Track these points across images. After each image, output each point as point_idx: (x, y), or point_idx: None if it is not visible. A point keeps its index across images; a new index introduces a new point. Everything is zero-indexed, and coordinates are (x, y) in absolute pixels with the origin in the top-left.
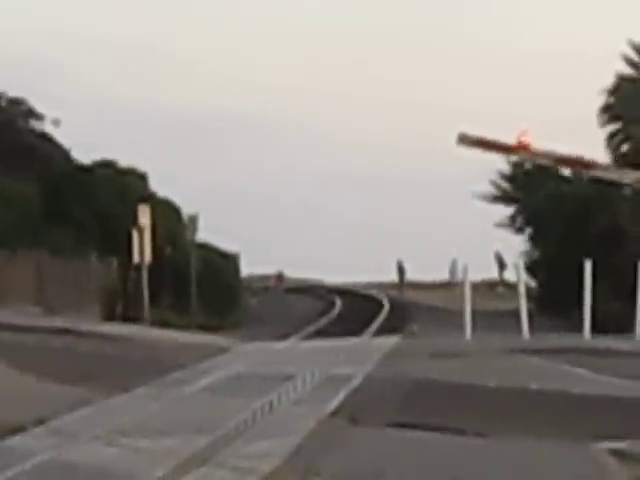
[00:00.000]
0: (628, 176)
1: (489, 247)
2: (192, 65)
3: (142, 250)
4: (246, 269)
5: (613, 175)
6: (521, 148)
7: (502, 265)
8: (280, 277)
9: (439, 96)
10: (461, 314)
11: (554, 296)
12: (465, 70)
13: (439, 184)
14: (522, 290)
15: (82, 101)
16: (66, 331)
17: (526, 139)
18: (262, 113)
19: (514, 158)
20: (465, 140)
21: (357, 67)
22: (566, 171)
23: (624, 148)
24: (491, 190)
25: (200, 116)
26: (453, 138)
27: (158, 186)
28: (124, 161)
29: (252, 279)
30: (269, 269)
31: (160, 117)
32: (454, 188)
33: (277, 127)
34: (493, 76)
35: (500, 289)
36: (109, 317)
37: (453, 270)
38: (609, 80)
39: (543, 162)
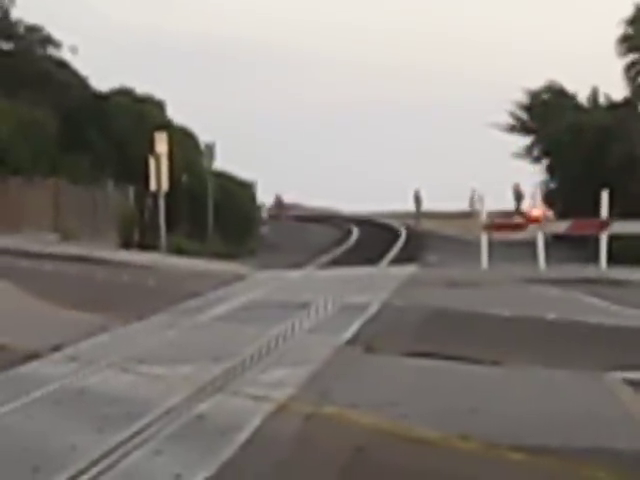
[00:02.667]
0: None
1: (506, 177)
2: None
3: (159, 178)
4: (264, 197)
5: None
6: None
7: (519, 196)
8: (280, 204)
9: (456, 25)
10: (478, 244)
11: None
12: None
13: (457, 112)
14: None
15: (100, 29)
16: (83, 258)
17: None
18: (279, 43)
19: (532, 89)
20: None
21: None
22: (583, 101)
23: None
24: (508, 120)
25: (218, 45)
26: (470, 66)
27: (175, 114)
28: (141, 89)
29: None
30: (288, 197)
31: (178, 45)
32: (471, 117)
33: (294, 57)
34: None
35: (517, 219)
36: (126, 245)
37: (473, 199)
38: (628, 10)
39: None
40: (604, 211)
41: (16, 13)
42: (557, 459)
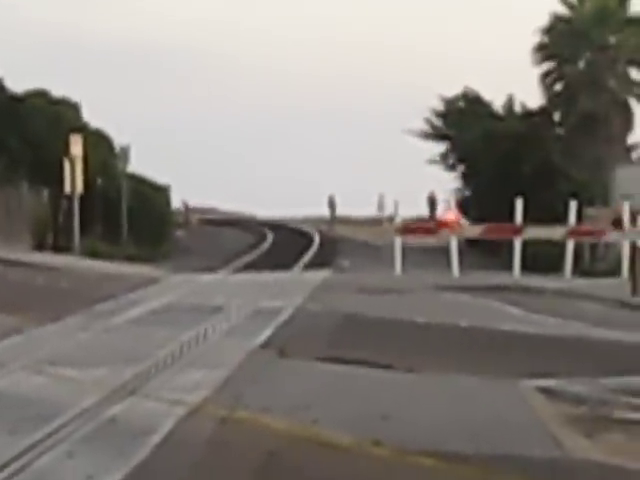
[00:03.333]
0: None
1: (421, 185)
2: None
3: (74, 180)
4: (177, 202)
5: None
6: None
7: (433, 203)
8: (186, 209)
9: (374, 31)
10: (391, 250)
11: None
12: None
13: (373, 118)
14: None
15: (16, 29)
16: None
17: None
18: (199, 47)
19: (448, 96)
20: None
21: (292, 4)
22: (499, 109)
23: (557, 87)
24: (424, 127)
25: (137, 47)
26: (387, 73)
27: (91, 117)
28: (57, 91)
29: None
30: (201, 201)
31: (95, 48)
32: (388, 124)
33: (209, 61)
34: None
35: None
36: (39, 247)
37: (381, 205)
38: (543, 19)
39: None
40: (518, 216)
41: None
42: (470, 466)
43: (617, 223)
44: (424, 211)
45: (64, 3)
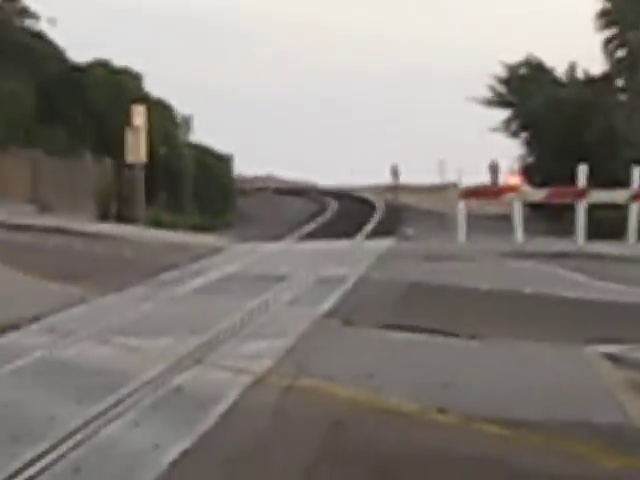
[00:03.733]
0: None
1: (483, 152)
2: None
3: (137, 150)
4: (240, 170)
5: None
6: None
7: (495, 171)
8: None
9: None
10: (455, 218)
11: None
12: None
13: (436, 85)
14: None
15: (77, 1)
16: (60, 230)
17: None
18: (262, 14)
19: (511, 63)
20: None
21: None
22: (561, 76)
23: (620, 53)
24: (487, 94)
25: (198, 16)
26: (450, 39)
27: (153, 86)
28: (119, 61)
29: (245, 180)
30: (263, 171)
31: (156, 17)
32: (451, 91)
33: (276, 27)
34: None
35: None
36: (103, 217)
37: (442, 172)
38: None
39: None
40: (582, 180)
41: None
42: (534, 432)
43: None
44: (486, 179)
45: None
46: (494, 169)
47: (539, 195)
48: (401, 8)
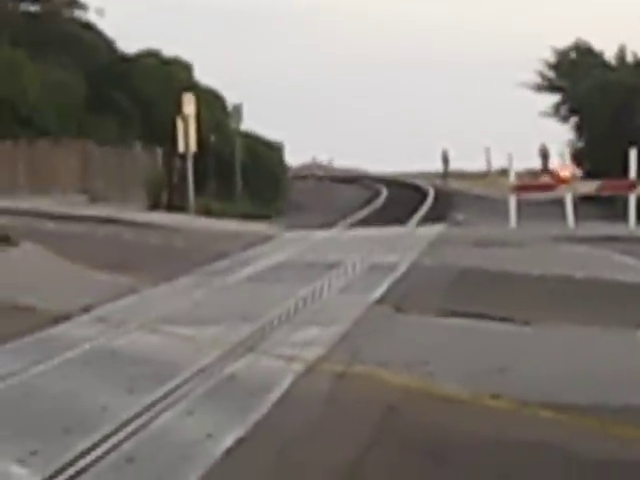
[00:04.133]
0: None
1: (533, 136)
2: None
3: (187, 139)
4: (291, 159)
5: None
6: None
7: (545, 156)
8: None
9: None
10: (505, 203)
11: None
12: None
13: (484, 71)
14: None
15: None
16: (111, 220)
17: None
18: (309, 3)
19: (560, 47)
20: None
21: None
22: (611, 59)
23: None
24: (536, 79)
25: (246, 5)
26: (499, 24)
27: (202, 75)
28: (168, 51)
29: (302, 168)
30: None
31: (205, 6)
32: (500, 76)
33: (324, 16)
34: None
35: (545, 178)
36: (154, 206)
37: (488, 158)
38: None
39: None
40: (632, 171)
41: None
42: (588, 417)
43: None
44: (536, 163)
45: None
46: (544, 154)
47: (590, 187)
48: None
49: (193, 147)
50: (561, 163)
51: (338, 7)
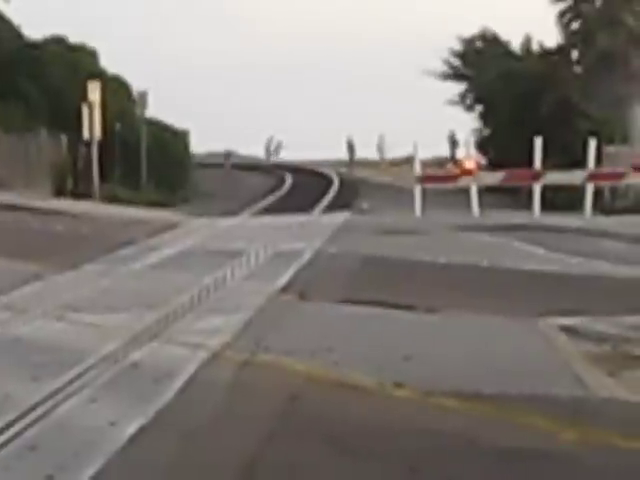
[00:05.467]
0: None
1: (441, 125)
2: None
3: (92, 126)
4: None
5: None
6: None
7: (454, 143)
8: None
9: None
10: (410, 192)
11: None
12: None
13: (391, 59)
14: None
15: None
16: (16, 207)
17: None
18: None
19: (466, 36)
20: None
21: None
22: (516, 48)
23: (575, 25)
24: (442, 67)
25: None
26: (403, 12)
27: (108, 63)
28: (74, 38)
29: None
30: (219, 146)
31: None
32: (405, 64)
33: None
34: None
35: (449, 166)
36: (59, 193)
37: (381, 146)
38: None
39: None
40: (537, 161)
41: None
42: (492, 406)
43: (638, 168)
44: (443, 152)
45: None
46: (453, 141)
47: (495, 178)
48: None
49: (98, 134)
50: (466, 153)
51: None
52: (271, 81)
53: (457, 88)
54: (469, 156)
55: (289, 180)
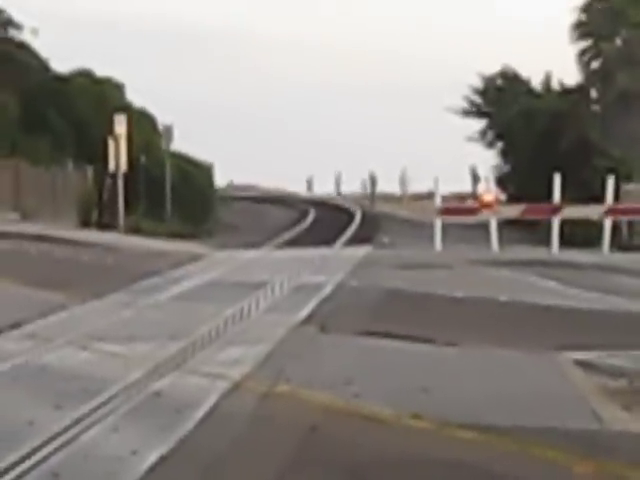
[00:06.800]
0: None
1: (460, 161)
2: None
3: (118, 159)
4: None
5: None
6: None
7: (476, 178)
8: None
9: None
10: (431, 226)
11: None
12: None
13: (412, 96)
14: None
15: (60, 12)
16: (42, 237)
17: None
18: (236, 28)
19: (487, 74)
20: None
21: None
22: (537, 86)
23: (594, 64)
24: (463, 104)
25: (176, 28)
26: (425, 50)
27: (134, 96)
28: (101, 71)
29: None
30: (244, 179)
31: (137, 29)
32: (427, 101)
33: (245, 41)
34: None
35: (470, 202)
36: (85, 224)
37: (403, 179)
38: None
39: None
40: (556, 196)
41: None
42: (509, 438)
43: None
44: (465, 187)
45: None
46: (474, 175)
47: (514, 212)
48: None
49: (124, 166)
50: (485, 187)
51: (272, 35)
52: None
53: (478, 125)
54: (489, 190)
55: (312, 213)
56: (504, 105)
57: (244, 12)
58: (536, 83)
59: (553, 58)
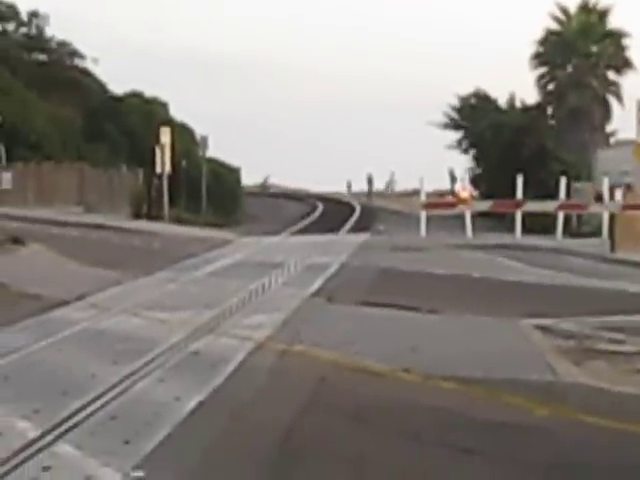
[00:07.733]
0: None
1: (440, 164)
2: (200, 9)
3: (163, 163)
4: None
5: None
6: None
7: (454, 178)
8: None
9: (405, 40)
10: (417, 217)
11: None
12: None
13: (402, 111)
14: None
15: (116, 44)
16: (102, 226)
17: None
18: (258, 54)
19: (462, 94)
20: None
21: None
22: (503, 104)
23: (550, 87)
24: (443, 119)
25: (207, 57)
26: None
27: (177, 112)
28: (149, 92)
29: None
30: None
31: (179, 57)
32: (415, 116)
33: (264, 66)
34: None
35: (449, 198)
36: (136, 216)
37: (390, 181)
38: (539, 33)
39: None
40: (519, 193)
41: (49, 31)
42: (482, 388)
43: (599, 198)
44: (444, 185)
45: (152, 21)
46: (452, 176)
47: (485, 206)
48: (378, 52)
49: (168, 169)
50: (462, 186)
51: (281, 60)
52: (307, 129)
53: (455, 135)
54: (465, 188)
55: (320, 207)
56: (476, 120)
57: (269, 44)
58: (502, 102)
59: (516, 82)
